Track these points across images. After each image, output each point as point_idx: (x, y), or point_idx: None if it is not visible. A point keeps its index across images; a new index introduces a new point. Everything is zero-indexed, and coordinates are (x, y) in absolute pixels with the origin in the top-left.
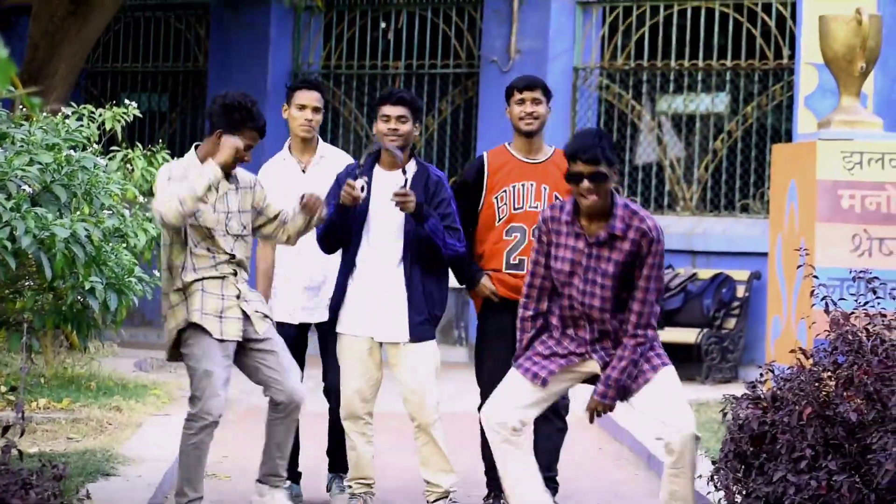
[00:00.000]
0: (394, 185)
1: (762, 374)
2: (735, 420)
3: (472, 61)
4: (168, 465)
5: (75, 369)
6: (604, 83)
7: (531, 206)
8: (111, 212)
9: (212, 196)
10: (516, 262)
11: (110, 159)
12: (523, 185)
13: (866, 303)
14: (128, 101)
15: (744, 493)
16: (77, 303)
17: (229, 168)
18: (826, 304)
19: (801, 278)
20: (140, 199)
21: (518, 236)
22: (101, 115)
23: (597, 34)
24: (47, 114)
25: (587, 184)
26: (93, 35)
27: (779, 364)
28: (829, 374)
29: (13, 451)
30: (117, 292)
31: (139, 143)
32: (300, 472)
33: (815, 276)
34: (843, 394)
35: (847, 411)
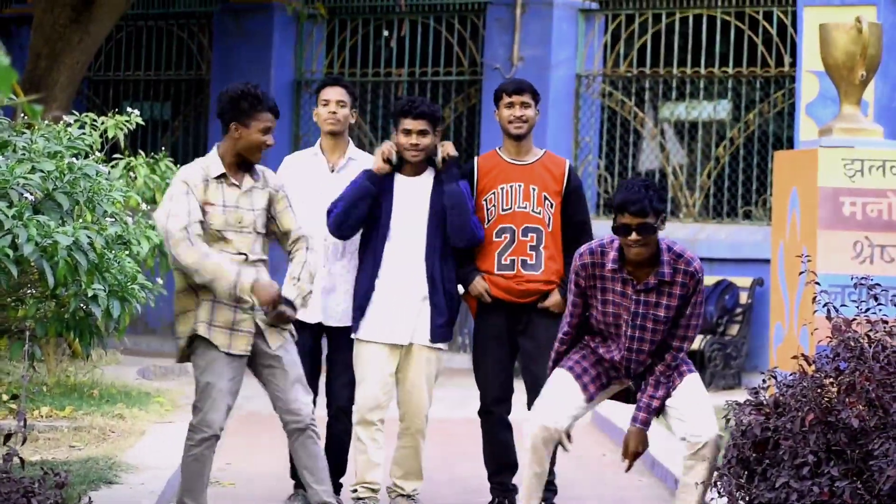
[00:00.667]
0: (415, 191)
1: (765, 381)
2: (738, 426)
3: (474, 69)
4: (171, 473)
5: (78, 377)
6: (606, 90)
7: (519, 207)
8: (114, 219)
9: (231, 194)
10: (507, 262)
11: (113, 167)
12: (511, 187)
13: (868, 309)
14: (130, 109)
15: (746, 498)
16: (80, 310)
17: (254, 161)
18: (828, 310)
19: (803, 285)
20: (143, 206)
21: (508, 237)
22: (103, 124)
23: (599, 41)
24: (49, 122)
25: (635, 236)
26: (95, 44)
27: (781, 370)
28: (832, 380)
29: (15, 459)
30: (120, 300)
31: (142, 151)
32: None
33: (817, 283)
34: (846, 400)
35: (849, 417)
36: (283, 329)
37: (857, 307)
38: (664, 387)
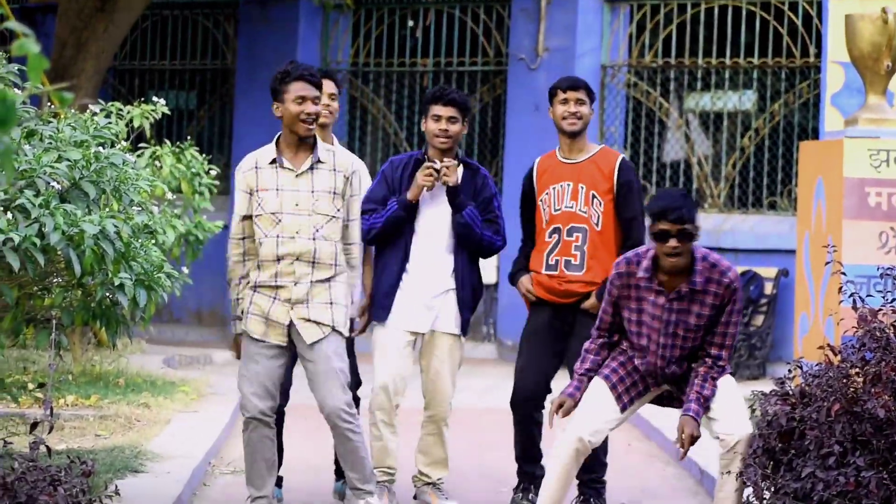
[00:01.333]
0: (441, 187)
1: (790, 371)
2: (763, 416)
3: (500, 59)
4: (196, 462)
5: (103, 366)
6: (631, 81)
7: (567, 207)
8: (140, 208)
9: (286, 177)
10: (553, 262)
11: (139, 156)
12: (561, 186)
13: (894, 299)
14: (156, 98)
15: (772, 489)
16: (106, 299)
17: (301, 134)
18: (853, 300)
19: (828, 275)
20: (168, 195)
21: (556, 237)
22: (129, 113)
23: (624, 32)
24: (75, 111)
25: (674, 242)
26: (120, 33)
27: (807, 360)
28: (857, 370)
29: (41, 447)
30: (146, 289)
31: (167, 141)
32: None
33: (843, 273)
34: (871, 390)
35: (875, 407)
36: (321, 324)
37: (883, 297)
38: (711, 382)
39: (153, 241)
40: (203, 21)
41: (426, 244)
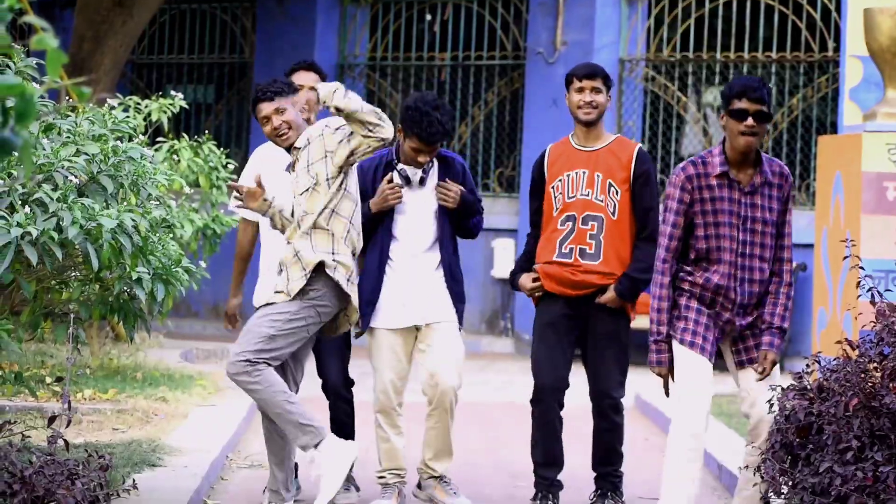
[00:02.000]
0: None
1: (808, 366)
2: (781, 411)
3: (518, 53)
4: (214, 456)
5: (121, 360)
6: (649, 75)
7: (582, 194)
8: (158, 202)
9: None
10: (567, 251)
11: (157, 150)
12: (576, 173)
13: None
14: (174, 92)
15: (790, 483)
16: (124, 293)
17: (282, 146)
18: (872, 295)
19: (846, 270)
20: (186, 189)
21: (570, 225)
22: (147, 107)
23: (642, 26)
24: (93, 105)
25: (751, 121)
26: (138, 27)
27: (825, 355)
28: (875, 365)
29: (59, 441)
30: (164, 283)
31: (185, 135)
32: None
33: (861, 268)
34: (889, 385)
35: (893, 402)
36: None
37: None
38: (785, 307)
39: (171, 236)
40: (221, 15)
41: (406, 241)
